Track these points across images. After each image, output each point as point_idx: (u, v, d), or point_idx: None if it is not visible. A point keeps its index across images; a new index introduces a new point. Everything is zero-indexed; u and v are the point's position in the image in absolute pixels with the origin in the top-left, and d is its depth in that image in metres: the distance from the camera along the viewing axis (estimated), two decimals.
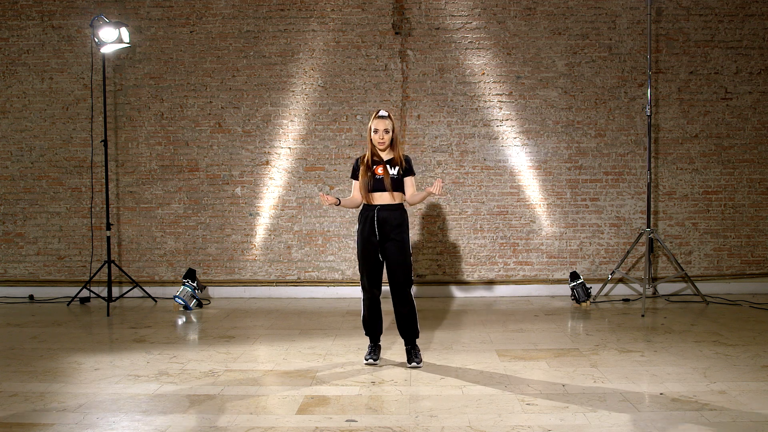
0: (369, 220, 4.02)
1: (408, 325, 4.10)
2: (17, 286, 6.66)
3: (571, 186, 6.57)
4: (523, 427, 3.03)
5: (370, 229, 4.02)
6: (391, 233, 4.02)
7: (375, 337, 4.22)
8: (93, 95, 6.49)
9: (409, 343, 4.14)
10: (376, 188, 4.03)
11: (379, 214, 4.01)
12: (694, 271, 6.55)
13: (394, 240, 4.02)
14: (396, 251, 4.02)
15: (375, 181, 4.02)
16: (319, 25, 6.56)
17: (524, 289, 6.57)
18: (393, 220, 4.02)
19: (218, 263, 6.66)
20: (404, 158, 4.11)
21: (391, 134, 4.04)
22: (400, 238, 4.03)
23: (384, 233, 4.01)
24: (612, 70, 6.52)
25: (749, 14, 6.51)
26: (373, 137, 4.03)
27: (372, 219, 4.01)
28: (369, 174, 4.03)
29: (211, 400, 3.44)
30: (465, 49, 6.55)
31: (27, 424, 3.11)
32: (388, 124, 4.02)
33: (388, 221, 4.01)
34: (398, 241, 4.02)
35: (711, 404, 3.29)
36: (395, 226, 4.02)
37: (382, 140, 4.01)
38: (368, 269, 4.07)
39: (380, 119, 4.02)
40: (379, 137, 4.01)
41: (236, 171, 6.63)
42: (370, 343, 4.23)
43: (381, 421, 3.12)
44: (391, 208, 4.03)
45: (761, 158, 6.57)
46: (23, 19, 6.62)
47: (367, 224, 4.03)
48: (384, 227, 4.01)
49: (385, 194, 4.02)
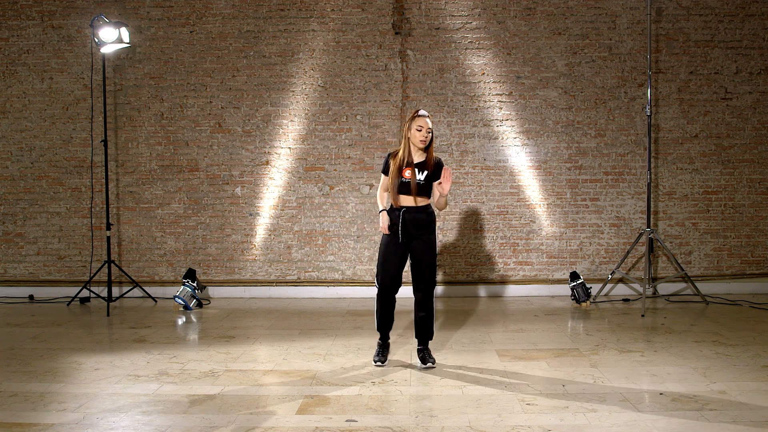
0: (395, 221, 4.05)
1: (426, 326, 4.14)
2: (17, 286, 6.66)
3: (571, 186, 6.57)
4: (523, 427, 3.03)
5: (396, 229, 4.05)
6: (418, 233, 4.05)
7: (386, 334, 4.22)
8: (93, 95, 6.50)
9: (423, 344, 4.16)
10: (402, 191, 4.06)
11: (405, 216, 4.04)
12: (694, 271, 6.55)
13: (421, 239, 4.06)
14: (423, 250, 4.06)
15: (402, 183, 4.05)
16: (319, 25, 6.56)
17: (524, 289, 6.56)
18: (418, 221, 4.05)
19: (218, 263, 6.66)
20: (435, 163, 4.10)
21: (431, 134, 4.06)
22: (427, 237, 4.07)
23: (409, 234, 4.05)
24: (612, 70, 6.52)
25: (749, 14, 6.51)
26: (416, 135, 4.01)
27: (398, 220, 4.04)
28: (398, 175, 4.05)
29: (211, 400, 3.44)
30: (465, 49, 6.55)
31: (27, 424, 3.11)
32: (430, 124, 4.04)
33: (413, 223, 4.04)
34: (425, 241, 4.06)
35: (711, 404, 3.29)
36: (421, 227, 4.05)
37: (425, 139, 4.02)
38: (389, 269, 4.08)
39: (422, 118, 4.03)
40: (422, 135, 4.01)
41: (236, 171, 6.63)
42: (380, 340, 4.23)
43: (381, 421, 3.12)
44: (416, 210, 4.05)
45: (761, 158, 6.57)
46: (23, 19, 6.62)
47: (393, 225, 4.06)
48: (409, 229, 4.04)
49: (409, 197, 4.05)
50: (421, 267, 4.07)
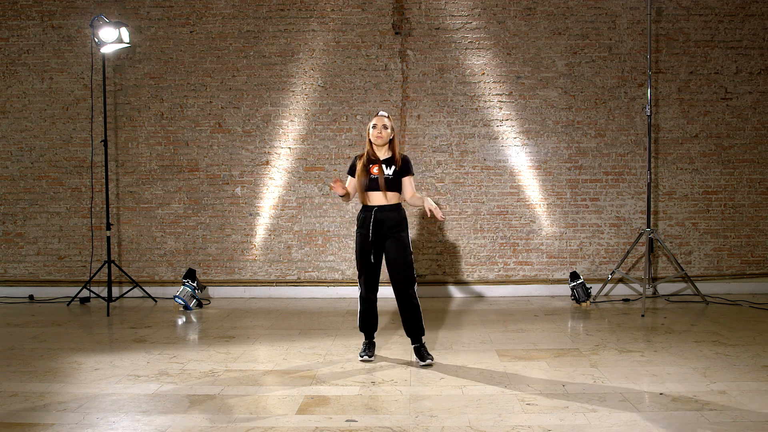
0: (366, 221, 4.06)
1: (413, 324, 4.14)
2: (17, 286, 6.66)
3: (571, 186, 6.57)
4: (523, 427, 3.03)
5: (366, 229, 4.05)
6: (389, 232, 4.05)
7: (369, 335, 4.27)
8: (93, 95, 6.50)
9: (417, 341, 4.17)
10: (370, 187, 4.07)
11: (377, 215, 4.05)
12: (694, 271, 6.55)
13: (393, 238, 4.05)
14: (395, 249, 4.04)
15: (370, 180, 4.07)
16: (319, 25, 6.56)
17: (524, 289, 6.57)
18: (390, 221, 4.05)
19: (218, 263, 6.66)
20: (402, 158, 4.15)
21: (389, 131, 4.11)
22: (399, 236, 4.06)
23: (381, 233, 4.05)
24: (612, 70, 6.52)
25: (749, 14, 6.51)
26: (371, 132, 4.10)
27: (369, 220, 4.04)
28: (365, 173, 4.07)
29: (211, 400, 3.44)
30: (465, 49, 6.55)
31: (27, 424, 3.10)
32: (386, 121, 4.11)
33: (385, 222, 4.04)
34: (397, 239, 4.05)
35: (711, 404, 3.29)
36: (393, 226, 4.06)
37: (380, 135, 4.07)
38: (366, 269, 4.11)
39: (379, 116, 4.14)
40: (377, 132, 4.07)
41: (236, 171, 6.63)
42: (365, 339, 4.27)
43: (381, 421, 3.12)
44: (388, 209, 4.07)
45: (761, 158, 6.57)
46: (23, 19, 6.62)
47: (364, 225, 4.06)
48: (381, 228, 4.04)
49: (379, 194, 4.06)
50: (397, 266, 4.05)
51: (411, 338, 4.19)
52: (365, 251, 4.07)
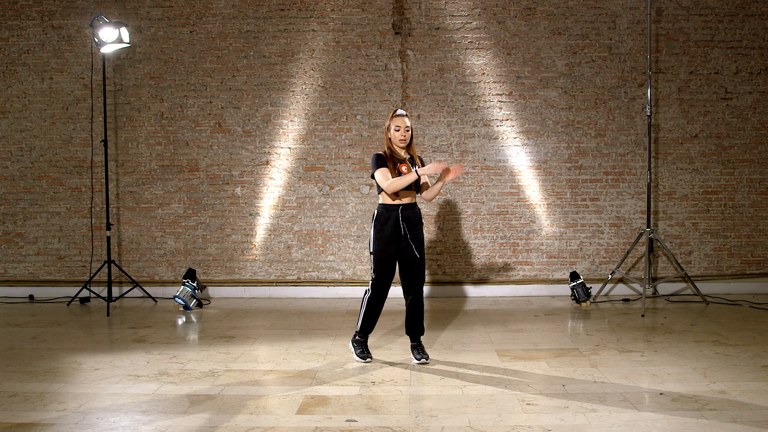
0: (393, 219, 4.05)
1: (417, 324, 4.18)
2: (17, 286, 6.66)
3: (571, 186, 6.57)
4: (523, 427, 3.03)
5: (395, 227, 4.05)
6: (413, 231, 4.09)
7: (368, 333, 4.25)
8: (93, 95, 6.50)
9: (416, 340, 4.20)
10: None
11: (403, 213, 4.07)
12: (694, 271, 6.55)
13: (416, 238, 4.10)
14: (418, 248, 4.09)
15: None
16: (319, 25, 6.56)
17: (524, 289, 6.57)
18: (414, 217, 4.11)
19: (218, 263, 6.66)
20: (420, 158, 4.21)
21: (410, 132, 4.11)
22: (420, 234, 4.12)
23: (407, 231, 4.07)
24: (612, 70, 6.52)
25: (749, 14, 6.51)
26: (395, 135, 4.07)
27: (397, 218, 4.05)
28: (396, 172, 4.06)
29: (211, 400, 3.44)
30: (465, 49, 6.55)
31: (27, 424, 3.11)
32: (407, 122, 4.10)
33: (411, 219, 4.09)
34: (417, 238, 4.10)
35: (711, 404, 3.29)
36: (416, 224, 4.11)
37: (404, 138, 4.07)
38: (389, 267, 4.09)
39: (400, 117, 4.09)
40: (401, 135, 4.07)
41: (236, 171, 6.63)
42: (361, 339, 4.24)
43: (381, 421, 3.12)
44: (411, 207, 4.11)
45: (761, 158, 6.57)
46: (23, 19, 6.62)
47: (390, 223, 4.05)
48: (407, 225, 4.07)
49: (410, 192, 4.10)
50: (415, 265, 4.08)
51: (411, 337, 4.21)
52: (392, 250, 4.06)
